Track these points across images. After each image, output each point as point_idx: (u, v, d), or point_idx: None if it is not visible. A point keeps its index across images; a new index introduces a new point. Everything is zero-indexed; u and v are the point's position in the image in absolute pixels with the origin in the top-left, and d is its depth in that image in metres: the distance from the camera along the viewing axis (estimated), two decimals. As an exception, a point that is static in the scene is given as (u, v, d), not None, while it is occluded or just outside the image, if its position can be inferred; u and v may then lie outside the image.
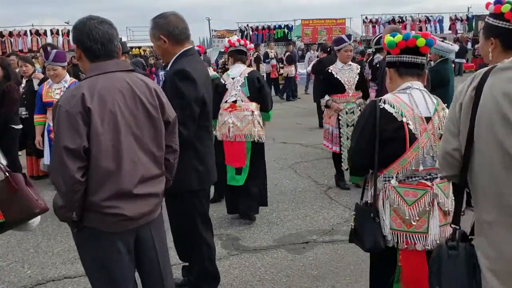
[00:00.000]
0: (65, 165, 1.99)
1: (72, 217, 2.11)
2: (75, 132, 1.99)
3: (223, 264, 3.87)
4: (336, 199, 5.45)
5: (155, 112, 2.23)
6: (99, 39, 2.14)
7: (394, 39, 2.30)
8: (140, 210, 2.20)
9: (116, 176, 2.09)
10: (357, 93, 5.60)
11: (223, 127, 4.64)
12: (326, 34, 22.44)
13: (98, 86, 2.08)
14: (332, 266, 3.81)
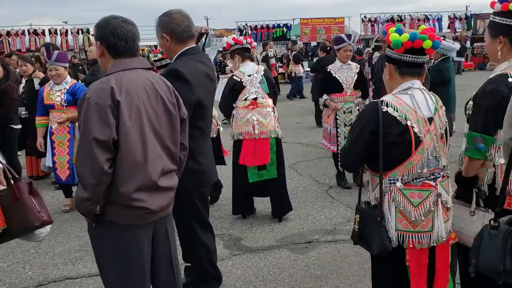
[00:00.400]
0: (94, 157, 2.03)
1: (96, 210, 2.15)
2: (105, 124, 2.05)
3: (226, 264, 3.85)
4: (337, 198, 5.43)
5: (173, 109, 2.34)
6: (123, 36, 2.23)
7: (400, 39, 2.23)
8: (160, 203, 2.28)
9: (143, 168, 2.17)
10: (356, 93, 5.58)
11: (245, 125, 4.57)
12: (325, 33, 22.39)
13: (125, 81, 2.15)
14: (335, 266, 3.79)
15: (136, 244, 2.25)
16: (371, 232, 2.31)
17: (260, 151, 4.56)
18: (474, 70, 21.55)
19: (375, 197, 2.35)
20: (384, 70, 2.44)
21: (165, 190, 2.30)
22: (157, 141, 2.24)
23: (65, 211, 5.32)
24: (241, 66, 4.73)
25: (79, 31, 20.95)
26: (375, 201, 2.34)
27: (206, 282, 3.21)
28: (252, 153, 4.55)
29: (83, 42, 20.79)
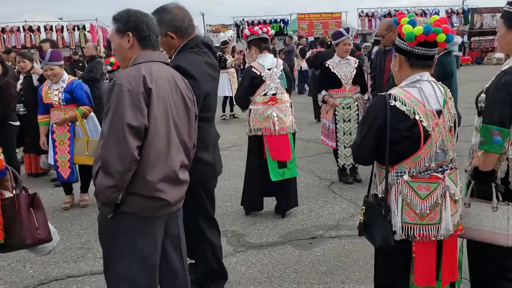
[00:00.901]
0: (126, 142, 2.02)
1: (118, 199, 2.12)
2: (138, 110, 2.06)
3: (230, 261, 3.80)
4: (340, 193, 5.40)
5: (191, 104, 2.38)
6: (154, 30, 2.31)
7: (413, 32, 2.17)
8: (176, 196, 2.30)
9: (165, 158, 2.19)
10: (354, 88, 5.52)
11: (265, 121, 4.50)
12: (322, 28, 22.39)
13: (153, 72, 2.17)
14: (340, 261, 3.76)
15: (151, 237, 2.25)
16: (375, 225, 2.31)
17: (282, 147, 4.52)
18: (472, 65, 21.59)
19: (382, 190, 2.33)
20: (393, 60, 2.40)
21: (181, 183, 2.32)
22: (177, 134, 2.27)
23: (65, 208, 5.26)
24: (260, 58, 4.59)
25: (75, 28, 20.80)
26: (382, 194, 2.32)
27: (212, 280, 3.17)
28: (276, 150, 4.51)
29: (79, 38, 20.64)
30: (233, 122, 10.55)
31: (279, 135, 4.50)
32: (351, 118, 5.52)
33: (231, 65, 10.92)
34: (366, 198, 2.47)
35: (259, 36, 4.61)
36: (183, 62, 2.71)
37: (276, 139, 4.50)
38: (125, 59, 2.31)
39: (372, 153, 2.32)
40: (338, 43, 5.51)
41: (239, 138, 8.28)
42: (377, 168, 2.41)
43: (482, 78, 11.02)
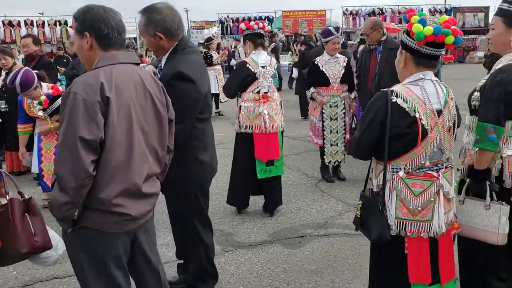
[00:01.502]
0: (79, 157, 1.86)
1: (74, 215, 1.98)
2: (93, 122, 1.88)
3: (219, 260, 3.77)
4: (327, 192, 5.40)
5: (162, 109, 2.18)
6: (115, 27, 2.08)
7: (423, 32, 2.17)
8: (142, 210, 2.13)
9: (126, 171, 2.01)
10: (342, 87, 5.51)
11: (256, 118, 4.48)
12: (307, 26, 22.40)
13: (114, 76, 1.99)
14: (329, 260, 3.75)
15: (116, 252, 2.09)
16: (372, 219, 2.33)
17: (272, 146, 4.51)
18: (454, 63, 21.84)
19: (377, 185, 2.36)
20: (398, 57, 2.39)
21: (148, 196, 2.14)
22: (145, 142, 2.09)
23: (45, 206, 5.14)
24: (254, 54, 4.54)
25: (56, 23, 20.44)
26: (377, 188, 2.36)
27: (203, 281, 3.13)
28: (265, 148, 4.48)
29: (61, 34, 20.29)
30: (219, 119, 10.48)
31: (269, 133, 4.48)
32: (338, 117, 5.52)
33: (217, 61, 10.85)
34: (363, 193, 2.48)
35: (254, 31, 4.54)
36: (183, 67, 2.66)
37: (265, 138, 4.49)
38: (88, 61, 2.12)
39: (372, 148, 2.33)
40: (327, 42, 5.50)
41: (225, 135, 8.23)
42: (374, 163, 2.43)
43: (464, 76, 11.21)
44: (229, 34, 23.14)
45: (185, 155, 2.77)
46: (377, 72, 5.45)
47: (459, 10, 24.37)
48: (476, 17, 24.31)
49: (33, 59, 6.66)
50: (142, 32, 2.79)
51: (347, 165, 6.04)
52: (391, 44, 5.46)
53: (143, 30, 2.76)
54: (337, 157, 5.61)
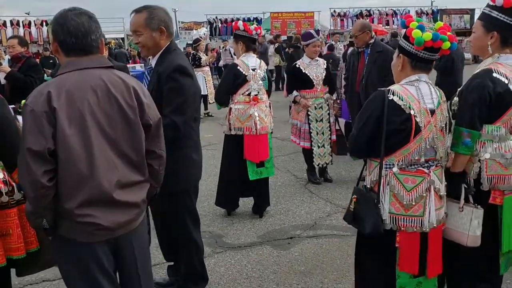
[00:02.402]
0: (30, 169, 1.85)
1: (42, 224, 1.98)
2: (39, 133, 1.85)
3: (208, 262, 3.78)
4: (316, 193, 5.44)
5: (132, 113, 2.06)
6: (73, 31, 1.99)
7: (423, 37, 2.27)
8: (117, 219, 2.04)
9: (89, 181, 1.95)
10: (325, 88, 5.57)
11: (247, 120, 4.50)
12: (295, 27, 22.49)
13: (68, 84, 1.94)
14: (318, 261, 3.79)
15: (95, 260, 2.05)
16: (367, 212, 2.41)
17: (262, 147, 4.55)
18: (440, 65, 22.05)
19: (371, 180, 2.45)
20: (395, 61, 2.48)
21: (121, 205, 2.04)
22: (112, 149, 2.01)
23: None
24: (244, 57, 4.57)
25: (43, 23, 20.27)
26: (372, 184, 2.45)
27: (194, 282, 3.15)
28: (256, 149, 4.52)
29: (47, 34, 20.10)
30: (207, 120, 10.49)
31: (259, 135, 4.52)
32: (323, 118, 5.56)
33: (206, 63, 10.86)
34: (357, 188, 2.56)
35: (251, 36, 4.57)
36: (182, 62, 2.76)
37: (256, 139, 4.52)
38: None
39: (369, 144, 2.41)
40: (308, 45, 5.54)
41: (214, 136, 8.25)
42: (368, 160, 2.52)
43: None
44: (217, 35, 23.15)
45: (181, 155, 2.79)
46: (365, 74, 5.50)
47: (445, 12, 24.67)
48: (462, 19, 24.62)
49: (19, 60, 6.59)
50: (142, 28, 2.75)
51: (335, 166, 6.09)
52: (379, 47, 5.53)
53: (144, 25, 2.74)
54: (325, 159, 5.65)
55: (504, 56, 2.52)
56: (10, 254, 2.44)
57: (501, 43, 2.52)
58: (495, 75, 2.45)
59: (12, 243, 2.43)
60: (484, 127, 2.51)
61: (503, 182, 2.50)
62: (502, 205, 2.52)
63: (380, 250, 2.46)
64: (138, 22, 2.75)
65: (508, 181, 2.51)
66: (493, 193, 2.53)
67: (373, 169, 2.45)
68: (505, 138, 2.51)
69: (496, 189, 2.52)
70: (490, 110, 2.47)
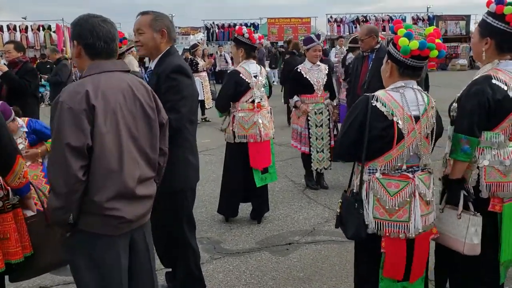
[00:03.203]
0: (67, 164, 1.93)
1: (69, 219, 2.03)
2: (79, 129, 1.95)
3: (207, 268, 3.77)
4: (314, 198, 5.43)
5: (152, 113, 2.24)
6: (102, 36, 2.12)
7: (409, 46, 2.26)
8: (137, 212, 2.18)
9: (118, 176, 2.06)
10: (325, 94, 5.58)
11: (251, 128, 4.50)
12: (292, 33, 22.53)
13: (101, 84, 2.06)
14: (317, 267, 3.78)
15: (113, 255, 2.14)
16: (349, 217, 2.42)
17: (266, 153, 4.57)
18: (436, 71, 22.16)
19: (357, 185, 2.46)
20: (384, 66, 2.47)
21: (142, 198, 2.20)
22: (135, 147, 2.15)
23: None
24: (245, 64, 4.55)
25: (40, 28, 20.24)
26: (357, 189, 2.44)
27: (191, 287, 3.13)
28: (261, 156, 4.54)
29: (44, 39, 20.09)
30: (204, 125, 10.48)
31: (263, 142, 4.54)
32: (323, 123, 5.57)
33: (203, 68, 10.86)
34: (344, 193, 2.57)
35: (253, 45, 4.56)
36: (182, 63, 2.87)
37: (260, 146, 4.54)
38: (80, 69, 2.22)
39: (352, 149, 2.42)
40: (308, 49, 5.57)
41: (212, 141, 8.25)
42: (356, 166, 2.52)
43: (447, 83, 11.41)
44: (214, 41, 23.17)
45: (176, 155, 2.79)
46: (367, 79, 5.48)
47: (441, 18, 24.80)
48: (457, 25, 24.76)
49: (16, 65, 6.60)
50: (146, 27, 2.86)
51: (333, 171, 6.09)
52: (383, 53, 5.52)
53: (148, 25, 2.85)
54: (324, 164, 5.65)
55: (504, 62, 2.52)
56: (9, 258, 2.45)
57: (496, 49, 2.53)
58: (494, 82, 2.45)
59: (10, 247, 2.44)
60: (483, 134, 2.51)
61: (502, 190, 2.50)
62: (501, 213, 2.51)
63: (370, 255, 2.46)
64: (144, 21, 2.86)
65: (507, 188, 2.50)
66: (493, 200, 2.53)
67: (359, 173, 2.45)
68: (504, 145, 2.51)
69: (495, 197, 2.52)
70: (489, 117, 2.47)
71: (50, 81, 9.57)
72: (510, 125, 2.50)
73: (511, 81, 2.47)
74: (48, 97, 14.60)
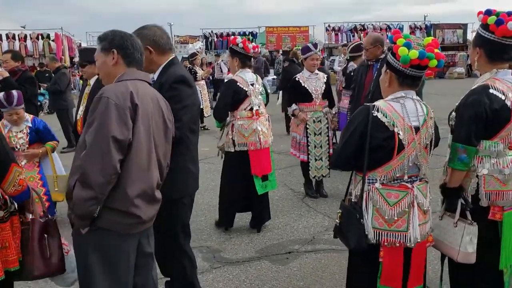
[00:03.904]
0: (110, 155, 2.03)
1: (96, 212, 2.09)
2: (124, 124, 2.09)
3: (206, 277, 3.75)
4: (314, 207, 5.43)
5: (170, 125, 2.43)
6: (138, 48, 2.37)
7: (409, 56, 2.26)
8: (150, 214, 2.30)
9: (146, 174, 2.21)
10: (324, 102, 5.60)
11: (252, 135, 4.53)
12: (290, 41, 22.67)
13: (139, 89, 2.22)
14: (317, 276, 3.77)
15: (125, 255, 2.24)
16: (350, 227, 2.41)
17: (265, 161, 4.60)
18: (434, 79, 22.26)
19: (355, 195, 2.45)
20: (383, 76, 2.46)
21: (155, 201, 2.33)
22: (155, 153, 2.29)
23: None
24: (241, 72, 4.60)
25: (38, 36, 20.29)
26: (356, 199, 2.44)
27: None
28: (261, 163, 4.56)
29: (43, 47, 20.14)
30: (203, 134, 10.47)
31: (263, 149, 4.56)
32: (322, 132, 5.58)
33: (202, 77, 10.90)
34: (343, 202, 2.56)
35: (248, 54, 4.59)
36: (185, 74, 2.91)
37: (260, 153, 4.56)
38: (109, 76, 2.35)
39: (352, 158, 2.41)
40: (306, 58, 5.59)
41: (210, 150, 8.22)
42: (354, 175, 2.51)
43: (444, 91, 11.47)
44: (213, 49, 23.26)
45: (176, 163, 2.78)
46: (372, 89, 5.45)
47: (439, 26, 24.97)
48: (455, 34, 24.92)
49: (16, 74, 6.63)
50: None
51: (333, 180, 6.09)
52: None
53: None
54: (322, 172, 5.65)
55: (502, 71, 2.54)
56: (7, 266, 2.44)
57: (487, 58, 2.56)
58: (492, 91, 2.47)
59: (9, 256, 2.45)
60: (481, 142, 2.52)
61: (501, 198, 2.51)
62: (502, 221, 2.52)
63: (368, 264, 2.44)
64: None
65: (507, 197, 2.51)
66: (493, 209, 2.54)
67: (358, 183, 2.44)
68: (503, 154, 2.52)
69: (495, 205, 2.53)
70: (487, 126, 2.48)
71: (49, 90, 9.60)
72: (509, 134, 2.52)
73: (508, 91, 2.49)
74: (47, 105, 14.63)
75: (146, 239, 2.40)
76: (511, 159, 2.53)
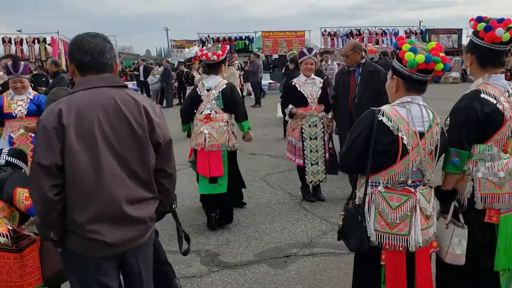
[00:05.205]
0: (38, 182, 1.95)
1: (50, 236, 2.07)
2: (48, 148, 1.95)
3: (205, 281, 3.77)
4: (311, 211, 5.45)
5: (141, 131, 2.11)
6: (89, 50, 2.09)
7: (415, 60, 2.29)
8: (123, 236, 2.09)
9: (96, 196, 2.01)
10: (320, 107, 5.63)
11: (199, 136, 4.84)
12: (286, 46, 22.73)
13: (79, 102, 2.03)
14: (315, 279, 3.79)
15: (101, 274, 2.11)
16: (352, 230, 2.44)
17: (213, 164, 4.79)
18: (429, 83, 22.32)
19: (359, 197, 2.48)
20: (389, 82, 2.50)
21: (131, 221, 2.09)
22: (120, 165, 2.06)
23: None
24: (205, 79, 5.00)
25: (35, 40, 20.27)
26: (359, 201, 2.46)
27: None
28: (207, 165, 4.79)
29: (39, 51, 20.11)
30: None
31: (210, 152, 4.78)
32: (317, 136, 5.61)
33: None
34: (346, 205, 2.58)
35: (207, 61, 4.92)
36: None
37: (206, 155, 4.80)
38: None
39: (357, 161, 2.44)
40: (301, 62, 5.65)
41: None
42: (358, 177, 2.54)
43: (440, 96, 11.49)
44: (209, 54, 23.26)
45: None
46: (358, 93, 5.48)
47: (434, 31, 25.12)
48: (450, 39, 25.08)
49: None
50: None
51: (330, 184, 6.13)
52: (371, 67, 5.58)
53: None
54: (318, 177, 5.68)
55: (495, 76, 2.60)
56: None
57: (478, 64, 2.61)
58: (483, 96, 2.52)
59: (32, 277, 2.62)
60: (475, 146, 2.56)
61: (497, 201, 2.55)
62: (498, 224, 2.55)
63: (372, 268, 2.46)
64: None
65: (503, 200, 2.55)
66: (489, 211, 2.58)
67: (361, 186, 2.47)
68: (498, 157, 2.56)
69: (492, 208, 2.56)
70: (479, 130, 2.52)
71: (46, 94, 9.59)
72: (502, 138, 2.56)
73: (500, 95, 2.54)
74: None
75: (134, 257, 2.20)
76: (506, 162, 2.57)
